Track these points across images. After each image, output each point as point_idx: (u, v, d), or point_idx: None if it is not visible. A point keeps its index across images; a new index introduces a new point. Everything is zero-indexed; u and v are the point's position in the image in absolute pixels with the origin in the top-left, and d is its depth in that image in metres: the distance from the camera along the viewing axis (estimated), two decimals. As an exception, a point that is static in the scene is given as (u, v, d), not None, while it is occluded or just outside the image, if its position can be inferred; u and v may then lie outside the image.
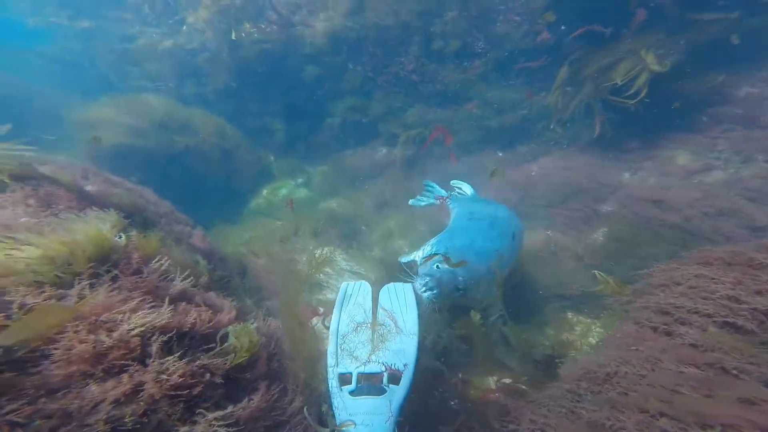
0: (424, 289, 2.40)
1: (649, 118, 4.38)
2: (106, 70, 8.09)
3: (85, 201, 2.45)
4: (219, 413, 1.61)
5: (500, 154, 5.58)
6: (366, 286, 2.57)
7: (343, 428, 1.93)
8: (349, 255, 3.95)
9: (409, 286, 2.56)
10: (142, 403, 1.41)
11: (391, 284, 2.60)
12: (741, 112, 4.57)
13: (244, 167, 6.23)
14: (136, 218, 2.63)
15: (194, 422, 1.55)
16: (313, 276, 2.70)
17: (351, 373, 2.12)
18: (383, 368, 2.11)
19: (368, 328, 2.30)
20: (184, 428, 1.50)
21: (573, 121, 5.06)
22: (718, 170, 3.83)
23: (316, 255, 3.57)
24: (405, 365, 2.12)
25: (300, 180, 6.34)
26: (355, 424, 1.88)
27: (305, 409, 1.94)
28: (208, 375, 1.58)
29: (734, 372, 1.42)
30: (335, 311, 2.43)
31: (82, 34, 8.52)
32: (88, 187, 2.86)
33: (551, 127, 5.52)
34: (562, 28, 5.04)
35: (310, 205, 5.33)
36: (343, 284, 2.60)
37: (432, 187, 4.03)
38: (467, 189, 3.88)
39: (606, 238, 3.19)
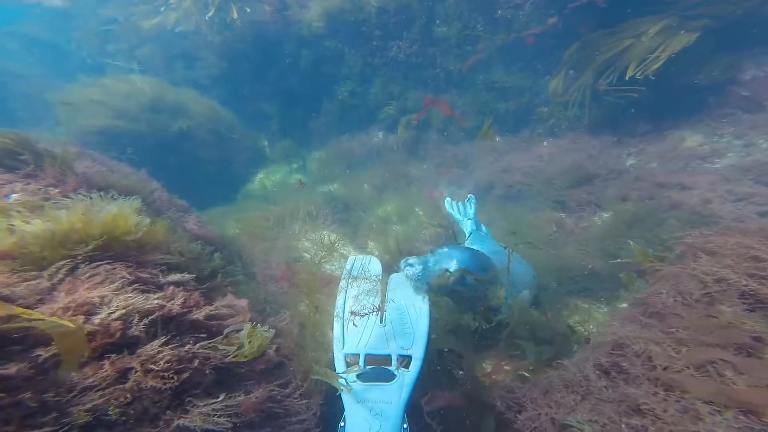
0: (407, 266, 2.20)
1: (655, 102, 4.25)
2: (87, 52, 7.70)
3: (87, 183, 2.27)
4: (217, 403, 1.48)
5: (498, 139, 5.43)
6: (375, 261, 2.40)
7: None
8: (346, 239, 3.81)
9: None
10: (128, 391, 1.27)
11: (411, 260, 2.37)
12: (747, 95, 4.46)
13: (239, 152, 6.01)
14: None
15: (186, 411, 1.42)
16: (322, 263, 2.54)
17: (358, 354, 1.96)
18: (392, 351, 1.96)
19: (376, 305, 2.13)
20: (179, 420, 1.37)
21: (573, 106, 4.92)
22: (727, 154, 3.72)
23: (324, 241, 3.44)
24: (415, 348, 1.96)
25: (295, 165, 6.15)
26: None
27: (314, 368, 1.81)
28: (197, 362, 1.44)
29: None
30: (341, 289, 2.25)
31: (58, 13, 8.08)
32: (82, 169, 2.67)
33: (544, 110, 5.37)
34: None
35: (306, 190, 5.14)
36: (350, 258, 2.42)
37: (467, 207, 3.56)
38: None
39: (613, 221, 3.09)
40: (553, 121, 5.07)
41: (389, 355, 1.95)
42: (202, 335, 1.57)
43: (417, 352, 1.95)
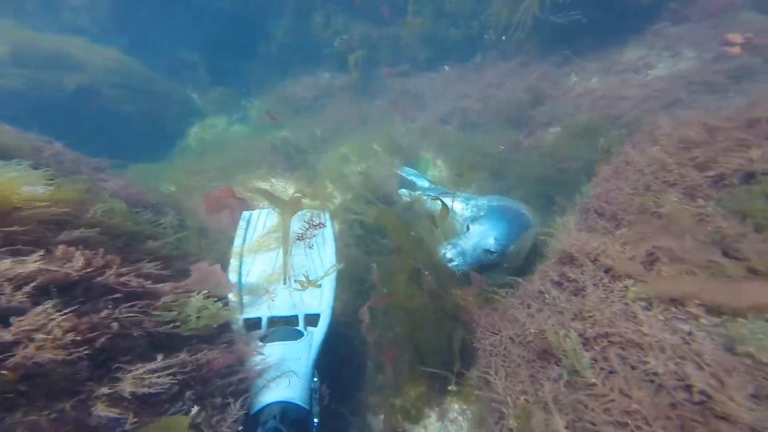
0: (447, 261, 2.09)
1: (600, 21, 4.05)
2: None
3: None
4: (153, 364, 1.26)
5: (447, 68, 5.05)
6: (272, 215, 2.17)
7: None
8: (302, 184, 3.49)
9: (325, 213, 2.21)
10: (13, 368, 0.99)
11: (305, 212, 2.22)
12: (674, 7, 4.40)
13: (166, 106, 5.06)
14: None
15: (116, 378, 1.20)
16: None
17: (260, 319, 1.82)
18: (298, 311, 1.84)
19: (278, 265, 1.97)
20: (103, 389, 1.14)
21: (518, 29, 4.57)
22: (658, 65, 3.72)
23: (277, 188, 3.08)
24: (323, 305, 1.87)
25: (236, 116, 5.38)
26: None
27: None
28: (116, 326, 1.18)
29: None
30: (235, 248, 2.02)
31: None
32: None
33: (485, 36, 5.01)
34: None
35: (277, 123, 4.52)
36: (244, 214, 2.15)
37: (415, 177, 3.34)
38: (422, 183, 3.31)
39: (564, 135, 3.06)
40: (502, 45, 4.73)
41: (295, 316, 1.83)
42: (118, 297, 1.28)
43: (325, 309, 1.85)
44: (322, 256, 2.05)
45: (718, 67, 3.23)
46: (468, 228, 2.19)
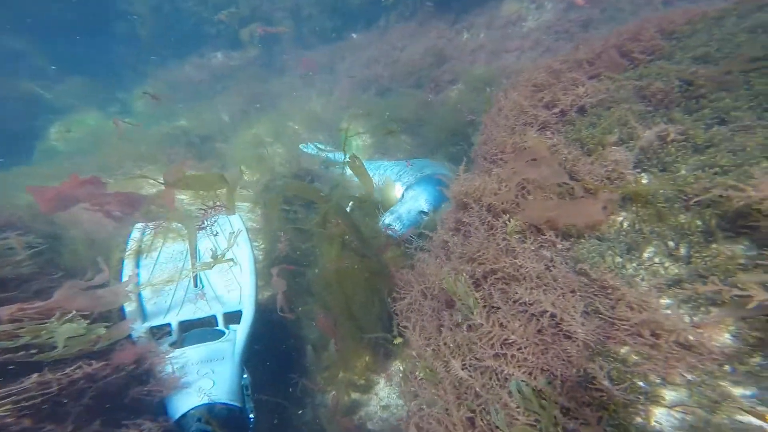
0: (386, 227, 2.10)
1: None
2: None
3: None
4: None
5: (354, 36, 4.84)
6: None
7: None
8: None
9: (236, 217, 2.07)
10: None
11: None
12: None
13: None
14: None
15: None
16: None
17: (169, 325, 1.66)
18: (216, 311, 1.72)
19: (185, 268, 1.81)
20: None
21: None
22: (528, 17, 3.98)
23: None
24: (244, 301, 1.76)
25: (112, 108, 4.54)
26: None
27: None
28: None
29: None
30: (128, 254, 1.83)
31: None
32: None
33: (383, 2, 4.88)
34: None
35: (140, 133, 3.85)
36: (136, 226, 1.92)
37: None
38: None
39: (465, 90, 3.17)
40: (401, 6, 4.63)
41: (213, 316, 1.71)
42: None
43: (247, 305, 1.76)
44: (234, 251, 1.86)
45: (571, 16, 3.59)
46: (402, 197, 2.32)
